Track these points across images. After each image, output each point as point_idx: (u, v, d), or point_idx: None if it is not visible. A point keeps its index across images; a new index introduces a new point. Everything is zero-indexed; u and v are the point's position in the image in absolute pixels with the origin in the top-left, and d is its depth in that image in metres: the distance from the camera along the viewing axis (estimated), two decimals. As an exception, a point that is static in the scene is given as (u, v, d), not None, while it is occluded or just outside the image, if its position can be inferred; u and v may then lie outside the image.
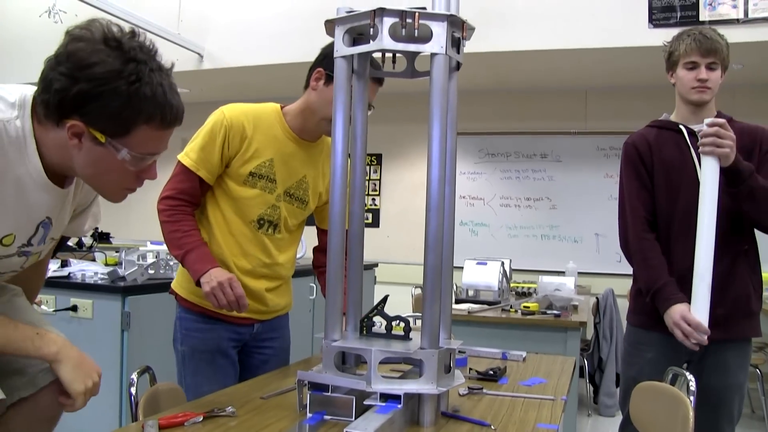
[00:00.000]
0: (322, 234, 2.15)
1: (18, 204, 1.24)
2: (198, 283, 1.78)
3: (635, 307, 2.23)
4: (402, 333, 1.41)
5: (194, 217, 1.91)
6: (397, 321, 1.44)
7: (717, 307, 1.99)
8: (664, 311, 2.01)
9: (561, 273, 5.02)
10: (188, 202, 1.88)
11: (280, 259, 1.99)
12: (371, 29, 1.31)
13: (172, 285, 2.01)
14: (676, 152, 2.11)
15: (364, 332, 1.44)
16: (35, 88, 1.21)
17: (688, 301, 1.98)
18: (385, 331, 1.43)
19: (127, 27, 1.18)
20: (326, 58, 1.82)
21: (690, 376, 1.71)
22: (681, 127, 2.12)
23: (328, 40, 1.58)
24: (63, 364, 1.29)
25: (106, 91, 1.11)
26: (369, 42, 1.35)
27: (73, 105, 1.12)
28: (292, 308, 2.15)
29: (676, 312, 1.96)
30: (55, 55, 1.13)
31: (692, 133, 2.09)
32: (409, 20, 1.29)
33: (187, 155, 1.87)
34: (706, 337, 1.92)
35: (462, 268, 3.90)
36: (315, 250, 2.18)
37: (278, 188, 1.94)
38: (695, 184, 2.03)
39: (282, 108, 1.96)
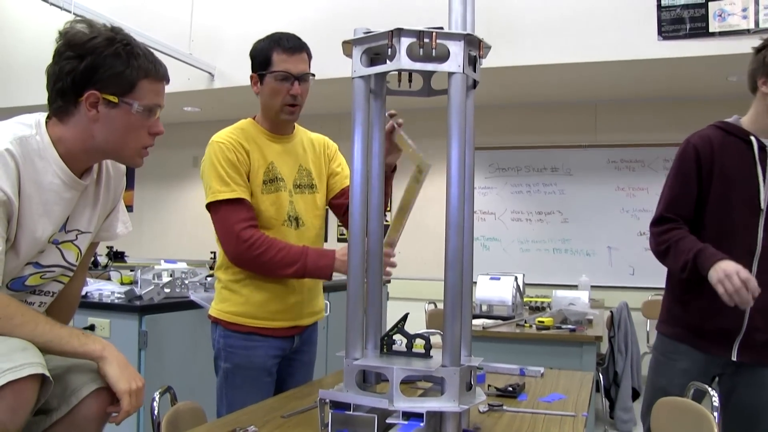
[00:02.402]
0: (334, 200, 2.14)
1: (58, 207, 1.40)
2: (329, 276, 1.83)
3: (668, 318, 2.13)
4: (422, 351, 1.41)
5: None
6: (418, 339, 1.43)
7: (757, 332, 1.93)
8: (710, 266, 1.83)
9: (574, 287, 5.01)
10: (258, 226, 1.87)
11: None
12: (389, 49, 1.32)
13: (212, 313, 2.01)
14: (738, 164, 1.96)
15: (385, 350, 1.44)
16: (44, 113, 1.40)
17: None
18: (405, 349, 1.43)
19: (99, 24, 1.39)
20: (253, 62, 2.00)
21: (713, 392, 1.69)
22: (752, 138, 1.97)
23: (339, 57, 1.61)
24: (109, 362, 1.34)
25: (108, 55, 1.33)
26: (386, 62, 1.36)
27: (85, 79, 1.33)
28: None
29: (730, 265, 1.79)
30: (56, 51, 1.35)
31: (763, 148, 1.96)
32: (426, 40, 1.29)
33: (219, 192, 1.86)
34: (751, 299, 1.78)
35: (475, 283, 3.89)
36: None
37: (288, 184, 1.99)
38: (753, 202, 1.93)
39: (254, 118, 2.05)
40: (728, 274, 1.77)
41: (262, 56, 1.96)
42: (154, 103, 1.41)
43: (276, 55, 1.94)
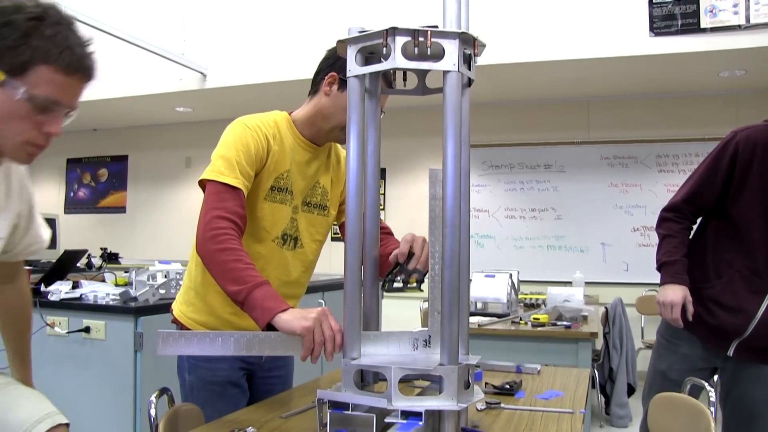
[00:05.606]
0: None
1: None
2: (268, 326, 1.45)
3: None
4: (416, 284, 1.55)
5: None
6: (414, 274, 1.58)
7: (758, 340, 1.94)
8: (665, 283, 1.98)
9: (568, 283, 5.02)
10: (239, 228, 1.60)
11: (300, 277, 1.89)
12: (384, 48, 1.32)
13: (175, 314, 1.86)
14: None
15: (386, 287, 1.54)
16: None
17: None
18: (401, 285, 1.56)
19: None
20: (339, 59, 1.69)
21: (710, 387, 1.70)
22: None
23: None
24: None
25: (5, 24, 1.12)
26: (381, 61, 1.36)
27: None
28: None
29: (677, 294, 1.94)
30: None
31: None
32: (421, 39, 1.29)
33: (221, 174, 1.62)
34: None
35: (470, 280, 3.90)
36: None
37: (295, 199, 1.81)
38: None
39: (290, 114, 1.84)
40: (666, 303, 1.96)
41: None
42: (50, 96, 1.17)
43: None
